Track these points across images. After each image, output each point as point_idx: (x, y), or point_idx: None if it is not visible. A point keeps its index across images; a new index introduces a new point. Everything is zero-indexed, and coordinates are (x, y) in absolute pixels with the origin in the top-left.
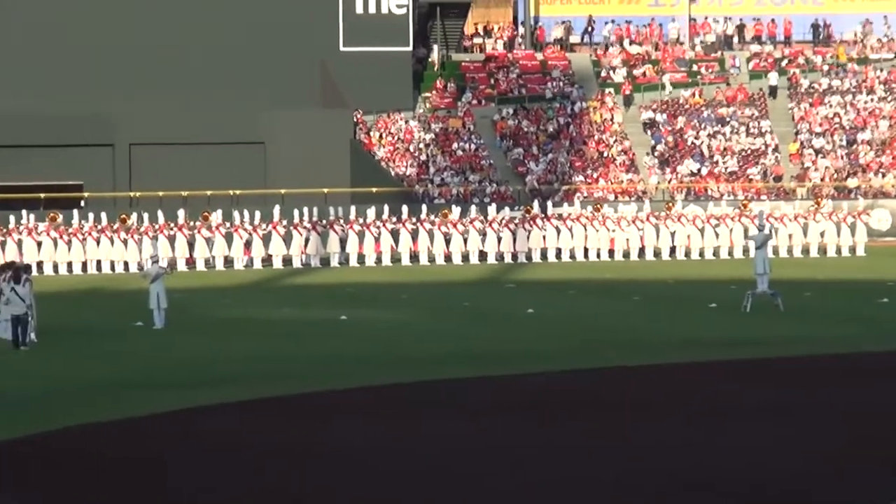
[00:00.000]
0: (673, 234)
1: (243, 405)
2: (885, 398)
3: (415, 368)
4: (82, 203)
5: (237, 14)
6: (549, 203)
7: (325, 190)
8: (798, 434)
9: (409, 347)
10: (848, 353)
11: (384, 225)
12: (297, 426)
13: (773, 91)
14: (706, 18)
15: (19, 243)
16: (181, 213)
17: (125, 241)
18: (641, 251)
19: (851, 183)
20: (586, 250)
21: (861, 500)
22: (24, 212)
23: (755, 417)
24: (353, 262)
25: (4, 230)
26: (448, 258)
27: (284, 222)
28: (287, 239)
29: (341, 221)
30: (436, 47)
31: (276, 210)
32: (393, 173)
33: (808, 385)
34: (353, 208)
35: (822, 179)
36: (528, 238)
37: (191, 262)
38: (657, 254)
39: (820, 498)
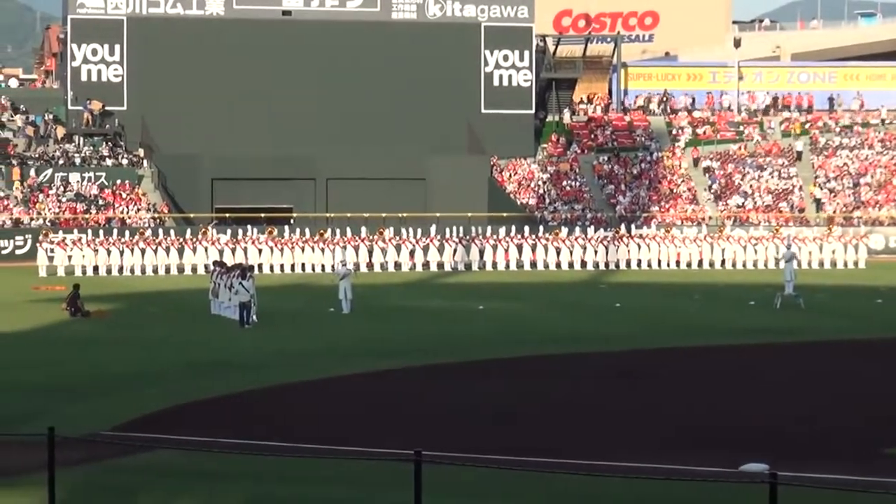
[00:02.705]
0: (723, 251)
1: (412, 370)
2: (884, 371)
3: (532, 344)
4: (292, 221)
5: (408, 86)
6: (633, 226)
7: (469, 214)
8: (823, 397)
9: (529, 329)
10: (853, 338)
11: (512, 240)
12: (453, 386)
13: (800, 155)
14: (750, 92)
15: (245, 250)
16: (363, 229)
17: (322, 250)
18: (700, 263)
19: (856, 214)
20: (660, 262)
21: (877, 442)
22: (249, 226)
23: (789, 384)
24: (489, 267)
25: (235, 240)
26: (558, 265)
27: (439, 237)
28: (440, 249)
29: (480, 237)
30: (554, 111)
31: (433, 228)
32: (518, 202)
33: (826, 361)
34: (489, 227)
35: (833, 212)
36: (616, 252)
37: (370, 265)
38: (711, 265)
39: (847, 442)
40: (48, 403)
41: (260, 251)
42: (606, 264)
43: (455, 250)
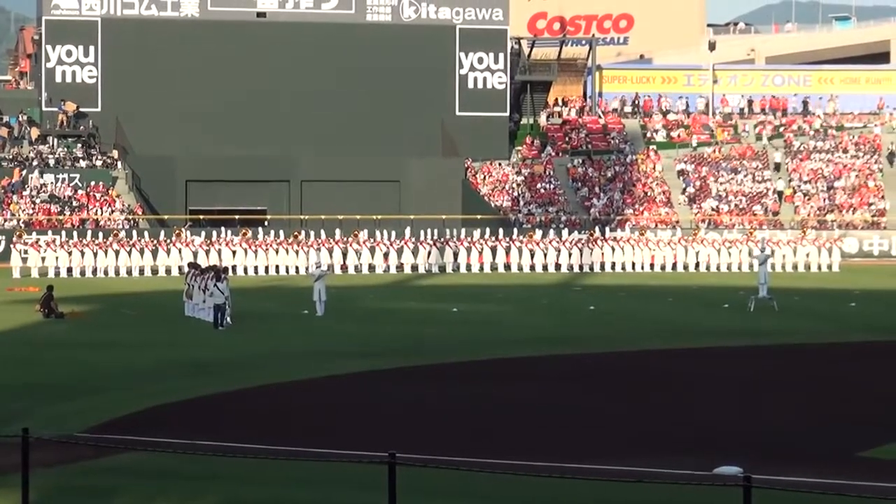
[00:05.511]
0: (697, 253)
1: (385, 372)
2: (858, 373)
3: (506, 347)
4: (266, 223)
5: (382, 88)
6: (607, 229)
7: (443, 216)
8: (797, 399)
9: (503, 331)
10: (827, 341)
11: (486, 242)
12: (426, 388)
13: (778, 166)
14: (724, 95)
15: (219, 252)
16: (338, 231)
17: (297, 252)
18: (674, 265)
19: (829, 217)
20: (634, 264)
21: (851, 445)
22: (223, 228)
23: (763, 386)
24: (463, 269)
25: (209, 242)
26: (532, 268)
27: (413, 239)
28: (415, 251)
29: (455, 239)
30: (528, 113)
31: (407, 230)
32: (493, 205)
33: (799, 364)
34: (463, 230)
35: (807, 215)
36: (591, 254)
37: (344, 267)
38: (685, 268)
39: (821, 445)
40: (22, 405)
41: (234, 253)
42: (581, 267)
43: (429, 252)
